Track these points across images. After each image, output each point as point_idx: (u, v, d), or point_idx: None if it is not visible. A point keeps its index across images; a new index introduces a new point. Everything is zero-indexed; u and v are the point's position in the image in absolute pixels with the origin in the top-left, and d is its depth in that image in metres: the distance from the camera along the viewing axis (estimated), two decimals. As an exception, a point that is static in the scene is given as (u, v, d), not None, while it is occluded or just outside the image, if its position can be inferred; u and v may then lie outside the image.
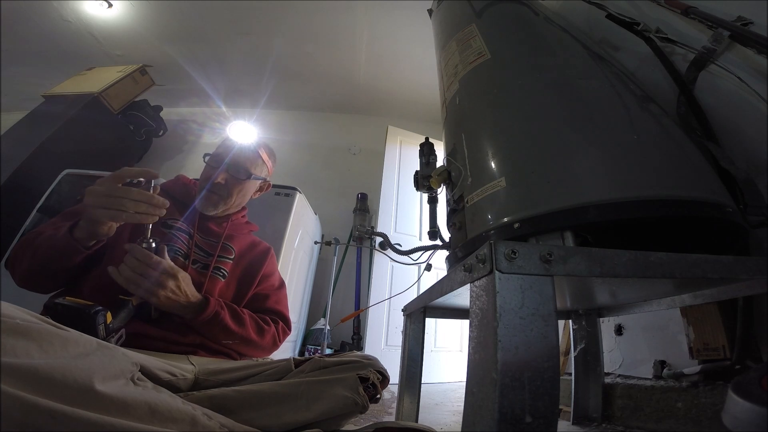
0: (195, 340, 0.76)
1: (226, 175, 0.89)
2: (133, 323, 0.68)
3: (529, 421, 0.33)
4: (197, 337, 0.77)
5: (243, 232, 0.99)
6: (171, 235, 0.83)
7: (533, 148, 0.62)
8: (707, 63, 0.89)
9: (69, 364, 0.33)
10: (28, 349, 0.33)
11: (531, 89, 0.72)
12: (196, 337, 0.76)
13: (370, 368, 0.67)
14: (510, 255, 0.38)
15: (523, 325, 0.36)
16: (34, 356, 0.33)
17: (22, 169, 2.22)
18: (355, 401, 0.61)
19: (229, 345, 0.80)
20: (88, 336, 0.40)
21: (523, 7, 0.99)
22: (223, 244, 0.90)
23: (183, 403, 0.42)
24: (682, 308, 0.95)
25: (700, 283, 0.64)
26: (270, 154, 1.00)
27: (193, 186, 0.95)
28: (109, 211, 0.62)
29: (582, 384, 1.07)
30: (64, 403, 0.31)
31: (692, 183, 0.58)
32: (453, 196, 0.76)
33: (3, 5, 2.39)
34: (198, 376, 0.63)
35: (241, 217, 1.00)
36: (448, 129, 0.87)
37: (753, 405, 0.48)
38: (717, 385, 0.82)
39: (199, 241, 0.88)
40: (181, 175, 0.99)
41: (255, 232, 1.04)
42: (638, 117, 0.67)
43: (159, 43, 2.80)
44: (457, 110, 0.83)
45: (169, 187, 0.94)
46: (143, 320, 0.71)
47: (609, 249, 0.42)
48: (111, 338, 0.60)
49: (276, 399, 0.57)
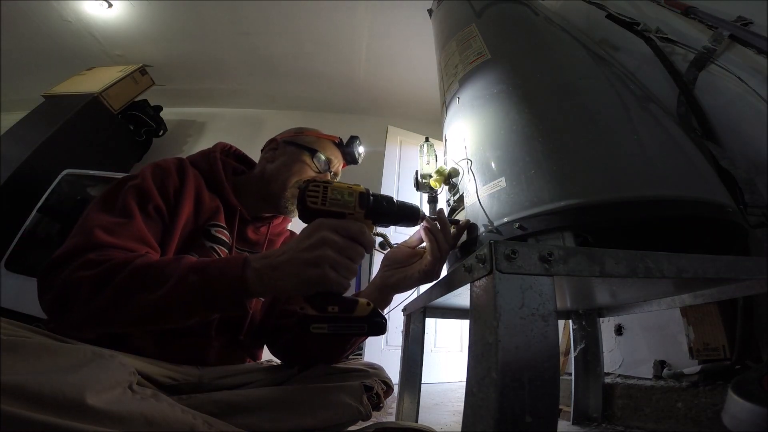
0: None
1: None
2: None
3: (529, 421, 0.33)
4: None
5: (279, 236, 0.85)
6: (211, 252, 0.67)
7: (533, 147, 0.62)
8: (707, 63, 0.89)
9: (59, 378, 0.32)
10: (13, 364, 0.31)
11: (531, 89, 0.72)
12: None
13: (375, 378, 0.67)
14: (510, 255, 0.38)
15: (523, 325, 0.36)
16: (20, 371, 0.31)
17: (22, 169, 2.22)
18: (359, 410, 0.60)
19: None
20: (83, 346, 0.38)
21: (523, 7, 0.99)
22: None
23: (183, 412, 0.41)
24: (682, 308, 0.95)
25: (700, 283, 0.64)
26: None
27: (219, 168, 0.74)
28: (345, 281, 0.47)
29: (582, 384, 1.07)
30: (56, 418, 0.29)
31: (692, 183, 0.58)
32: (453, 196, 0.76)
33: (3, 5, 2.38)
34: (201, 379, 0.62)
35: (283, 220, 0.85)
36: (447, 129, 0.87)
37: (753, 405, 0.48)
38: (717, 385, 0.82)
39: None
40: (219, 145, 0.80)
41: None
42: (638, 117, 0.67)
43: (159, 43, 2.79)
44: (457, 110, 0.83)
45: (199, 164, 0.74)
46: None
47: (609, 249, 0.42)
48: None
49: (279, 404, 0.57)
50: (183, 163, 0.70)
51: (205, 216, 0.68)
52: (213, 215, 0.69)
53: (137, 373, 0.41)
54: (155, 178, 0.64)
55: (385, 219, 0.53)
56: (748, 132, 0.80)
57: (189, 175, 0.68)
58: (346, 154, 0.84)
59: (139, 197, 0.60)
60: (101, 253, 0.50)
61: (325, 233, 0.45)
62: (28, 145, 2.31)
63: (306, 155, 0.78)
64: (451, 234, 0.62)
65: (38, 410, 0.29)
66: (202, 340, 0.65)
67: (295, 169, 0.76)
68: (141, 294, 0.45)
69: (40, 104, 2.62)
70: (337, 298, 0.47)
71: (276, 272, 0.45)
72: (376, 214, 0.51)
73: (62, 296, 0.48)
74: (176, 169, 0.68)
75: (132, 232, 0.56)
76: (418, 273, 0.62)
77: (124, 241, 0.54)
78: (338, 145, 0.83)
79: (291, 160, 0.78)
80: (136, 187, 0.61)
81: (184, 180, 0.67)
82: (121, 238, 0.54)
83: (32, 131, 2.42)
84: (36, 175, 2.24)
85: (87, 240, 0.51)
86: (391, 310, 0.77)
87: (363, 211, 0.50)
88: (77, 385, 0.32)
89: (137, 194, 0.60)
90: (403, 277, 0.64)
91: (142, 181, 0.62)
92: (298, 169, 0.77)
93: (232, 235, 0.71)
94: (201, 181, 0.71)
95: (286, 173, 0.76)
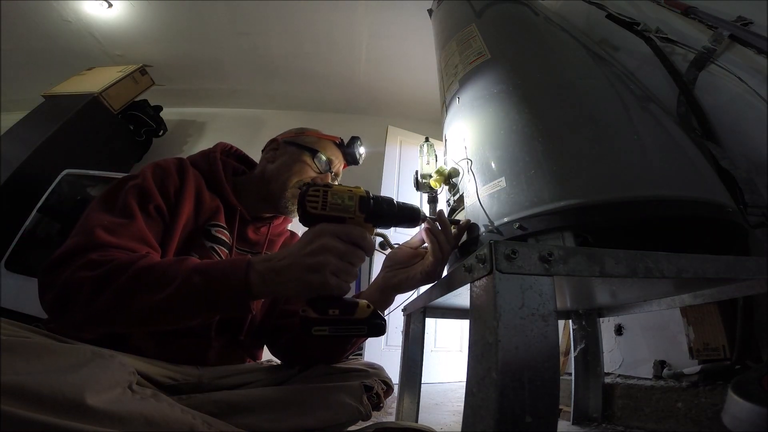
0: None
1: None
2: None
3: (529, 421, 0.33)
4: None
5: (279, 237, 0.84)
6: (211, 252, 0.67)
7: (533, 147, 0.62)
8: (707, 63, 0.89)
9: (58, 379, 0.32)
10: (13, 364, 0.31)
11: (531, 89, 0.72)
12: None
13: (375, 378, 0.67)
14: (510, 255, 0.38)
15: (523, 325, 0.36)
16: (20, 372, 0.31)
17: (22, 169, 2.22)
18: (359, 410, 0.60)
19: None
20: (83, 346, 0.38)
21: (523, 7, 0.99)
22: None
23: (182, 412, 0.41)
24: (682, 308, 0.95)
25: (700, 283, 0.64)
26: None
27: (218, 168, 0.74)
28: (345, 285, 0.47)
29: (582, 384, 1.07)
30: (56, 419, 0.29)
31: (692, 183, 0.58)
32: (453, 196, 0.76)
33: (3, 5, 2.38)
34: (201, 379, 0.62)
35: (284, 220, 0.85)
36: (447, 129, 0.87)
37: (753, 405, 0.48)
38: (717, 385, 0.82)
39: (238, 255, 0.73)
40: (219, 145, 0.80)
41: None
42: (638, 117, 0.67)
43: (159, 43, 2.79)
44: (457, 110, 0.83)
45: (199, 165, 0.74)
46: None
47: (609, 249, 0.42)
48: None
49: (279, 404, 0.57)
50: (183, 163, 0.70)
51: (206, 216, 0.68)
52: (213, 215, 0.69)
53: (137, 373, 0.41)
54: (156, 177, 0.64)
55: (386, 221, 0.53)
56: (748, 132, 0.80)
57: (189, 175, 0.68)
58: (347, 155, 0.84)
59: (140, 197, 0.60)
60: (103, 253, 0.50)
61: (327, 240, 0.46)
62: (28, 145, 2.31)
63: (307, 155, 0.78)
64: (452, 234, 0.62)
65: (38, 410, 0.29)
66: (202, 341, 0.65)
67: (295, 169, 0.76)
68: (144, 295, 0.45)
69: (40, 104, 2.62)
70: (337, 301, 0.47)
71: (279, 276, 0.45)
72: (377, 217, 0.51)
73: (63, 296, 0.47)
74: (176, 169, 0.68)
75: (133, 232, 0.56)
76: (420, 274, 0.63)
77: (125, 241, 0.54)
78: (339, 145, 0.84)
79: (292, 161, 0.78)
80: (136, 187, 0.61)
81: (185, 180, 0.67)
82: (122, 238, 0.54)
83: (32, 131, 2.42)
84: (36, 175, 2.24)
85: (88, 240, 0.51)
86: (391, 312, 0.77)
87: (363, 215, 0.50)
88: (77, 385, 0.32)
89: (138, 194, 0.60)
90: (405, 278, 0.64)
91: (142, 180, 0.62)
92: (299, 169, 0.77)
93: (232, 236, 0.71)
94: (201, 181, 0.71)
95: (287, 173, 0.76)
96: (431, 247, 0.61)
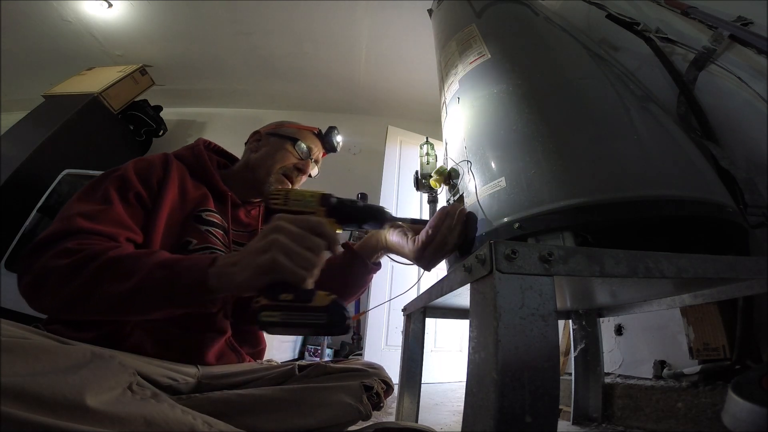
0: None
1: (315, 168, 0.86)
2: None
3: (529, 421, 0.33)
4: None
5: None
6: (208, 234, 0.68)
7: (533, 147, 0.62)
8: (707, 63, 0.89)
9: (58, 380, 0.31)
10: (13, 365, 0.31)
11: (531, 89, 0.72)
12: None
13: (375, 377, 0.67)
14: (510, 255, 0.38)
15: (523, 325, 0.36)
16: (19, 373, 0.31)
17: (22, 169, 2.22)
18: (359, 410, 0.60)
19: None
20: (83, 346, 0.38)
21: (523, 7, 0.99)
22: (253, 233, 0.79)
23: (183, 412, 0.41)
24: (682, 308, 0.95)
25: (700, 283, 0.64)
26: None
27: (205, 158, 0.77)
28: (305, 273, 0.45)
29: (582, 384, 1.07)
30: (56, 420, 0.29)
31: (692, 183, 0.58)
32: (453, 196, 0.76)
33: (3, 5, 2.38)
34: (201, 380, 0.62)
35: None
36: (447, 129, 0.87)
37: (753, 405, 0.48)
38: (717, 385, 0.82)
39: (234, 236, 0.75)
40: (201, 140, 0.83)
41: None
42: (638, 117, 0.67)
43: (159, 43, 2.80)
44: (457, 110, 0.83)
45: (184, 157, 0.77)
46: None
47: (609, 249, 0.42)
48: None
49: (278, 404, 0.57)
50: (168, 157, 0.73)
51: (192, 204, 0.71)
52: (201, 202, 0.71)
53: (137, 374, 0.41)
54: (137, 169, 0.67)
55: (350, 219, 0.55)
56: (748, 132, 0.80)
57: (173, 167, 0.71)
58: (326, 143, 0.89)
59: (120, 186, 0.62)
60: (80, 241, 0.51)
61: (279, 222, 0.46)
62: (28, 145, 2.31)
63: (288, 144, 0.83)
64: (457, 231, 0.65)
65: (38, 411, 0.29)
66: (201, 340, 0.65)
67: (278, 157, 0.81)
68: (108, 285, 0.46)
69: (40, 104, 2.62)
70: (292, 288, 0.44)
71: (233, 267, 0.45)
72: (339, 213, 0.53)
73: (37, 282, 0.49)
74: (161, 162, 0.71)
75: (111, 216, 0.57)
76: (411, 247, 0.67)
77: (104, 226, 0.55)
78: (318, 135, 0.89)
79: (274, 149, 0.82)
80: (117, 177, 0.64)
81: (168, 171, 0.70)
82: (101, 223, 0.55)
83: (32, 131, 2.42)
84: (36, 175, 2.24)
85: (67, 226, 0.53)
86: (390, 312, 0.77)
87: (324, 208, 0.52)
88: (77, 386, 0.32)
89: (118, 183, 0.63)
90: (398, 242, 0.69)
91: (123, 172, 0.65)
92: (281, 157, 0.81)
93: (225, 219, 0.73)
94: (185, 172, 0.73)
95: (270, 161, 0.81)
96: (433, 224, 0.65)
